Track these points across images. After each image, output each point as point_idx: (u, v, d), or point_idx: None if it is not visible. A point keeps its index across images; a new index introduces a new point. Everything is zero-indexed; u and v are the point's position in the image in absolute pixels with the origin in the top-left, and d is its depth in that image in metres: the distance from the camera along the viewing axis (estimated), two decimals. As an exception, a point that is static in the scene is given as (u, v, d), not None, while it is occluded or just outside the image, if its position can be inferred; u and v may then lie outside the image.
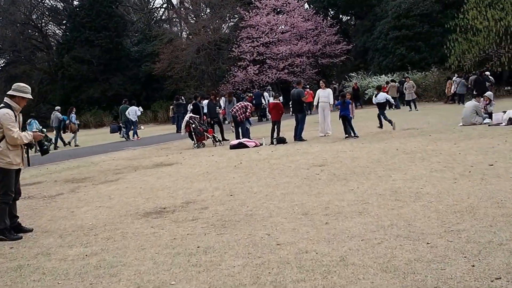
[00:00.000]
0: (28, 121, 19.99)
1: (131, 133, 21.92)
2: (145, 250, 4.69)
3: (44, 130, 24.04)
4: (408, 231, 4.39)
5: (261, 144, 13.60)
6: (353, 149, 10.66)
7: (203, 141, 15.14)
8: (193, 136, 14.96)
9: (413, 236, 4.21)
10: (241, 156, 11.55)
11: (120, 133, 23.58)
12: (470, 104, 13.84)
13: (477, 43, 26.60)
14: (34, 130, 20.74)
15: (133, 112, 21.24)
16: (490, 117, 13.62)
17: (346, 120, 13.02)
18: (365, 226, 4.67)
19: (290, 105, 32.37)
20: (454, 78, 26.50)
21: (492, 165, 7.10)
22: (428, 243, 4.01)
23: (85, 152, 17.23)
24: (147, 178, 9.58)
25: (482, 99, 14.58)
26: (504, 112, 12.92)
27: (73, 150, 19.03)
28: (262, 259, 4.07)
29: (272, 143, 13.55)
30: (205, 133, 14.96)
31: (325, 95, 14.63)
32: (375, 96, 15.22)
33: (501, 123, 12.59)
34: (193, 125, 14.92)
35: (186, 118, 15.23)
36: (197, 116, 15.81)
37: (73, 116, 21.11)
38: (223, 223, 5.42)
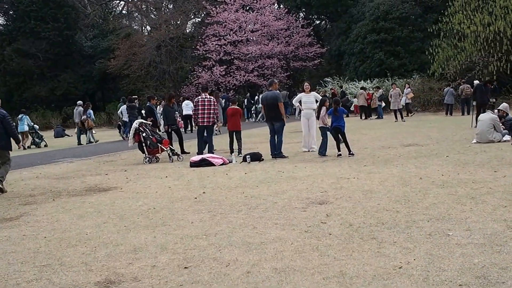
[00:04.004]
0: (19, 116, 19.91)
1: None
2: None
3: (36, 126, 20.82)
4: None
5: (230, 162, 10.67)
6: (356, 175, 7.87)
7: (157, 154, 12.09)
8: (144, 148, 11.89)
9: None
10: (204, 179, 8.60)
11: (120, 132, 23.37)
12: (486, 116, 11.32)
13: (463, 49, 24.56)
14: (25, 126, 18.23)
15: (125, 111, 20.64)
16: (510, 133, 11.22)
17: (340, 133, 10.22)
18: None
19: (253, 111, 29.83)
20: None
21: None
22: None
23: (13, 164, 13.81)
24: (63, 216, 6.45)
25: (495, 110, 12.17)
26: (530, 128, 10.49)
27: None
28: None
29: (244, 160, 10.58)
30: (159, 145, 11.89)
31: (309, 100, 11.83)
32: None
33: (529, 142, 10.14)
34: (144, 134, 11.82)
35: (135, 125, 12.02)
36: (149, 122, 12.75)
37: (90, 112, 20.84)
38: None
